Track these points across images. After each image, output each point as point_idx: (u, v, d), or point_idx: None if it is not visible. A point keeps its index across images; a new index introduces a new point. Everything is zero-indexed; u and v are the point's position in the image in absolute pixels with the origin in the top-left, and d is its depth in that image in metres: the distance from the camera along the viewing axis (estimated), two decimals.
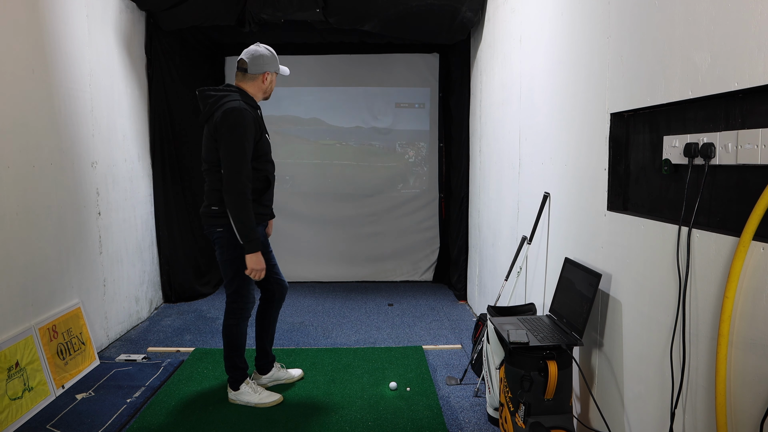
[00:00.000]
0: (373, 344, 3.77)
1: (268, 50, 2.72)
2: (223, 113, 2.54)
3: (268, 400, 2.82)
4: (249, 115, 2.58)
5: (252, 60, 2.68)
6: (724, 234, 1.50)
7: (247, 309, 2.78)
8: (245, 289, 2.74)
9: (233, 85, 2.71)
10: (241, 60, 2.69)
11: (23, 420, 2.61)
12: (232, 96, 2.62)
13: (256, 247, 2.58)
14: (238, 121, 2.54)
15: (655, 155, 1.92)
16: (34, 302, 2.89)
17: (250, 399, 2.81)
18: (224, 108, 2.56)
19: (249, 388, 2.83)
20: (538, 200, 2.87)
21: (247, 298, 2.76)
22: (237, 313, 2.76)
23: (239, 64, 2.71)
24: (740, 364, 1.44)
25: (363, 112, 5.57)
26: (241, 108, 2.55)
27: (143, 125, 4.35)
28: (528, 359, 2.14)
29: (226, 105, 2.57)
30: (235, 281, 2.72)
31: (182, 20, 4.25)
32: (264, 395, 2.84)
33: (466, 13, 4.06)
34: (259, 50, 2.70)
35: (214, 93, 2.65)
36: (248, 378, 2.87)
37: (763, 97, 1.41)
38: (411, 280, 5.69)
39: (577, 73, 2.41)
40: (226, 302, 2.78)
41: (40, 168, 2.96)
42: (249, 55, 2.69)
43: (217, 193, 2.67)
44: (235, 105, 2.56)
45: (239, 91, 2.68)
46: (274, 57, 2.75)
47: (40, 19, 2.98)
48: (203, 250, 5.03)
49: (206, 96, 2.67)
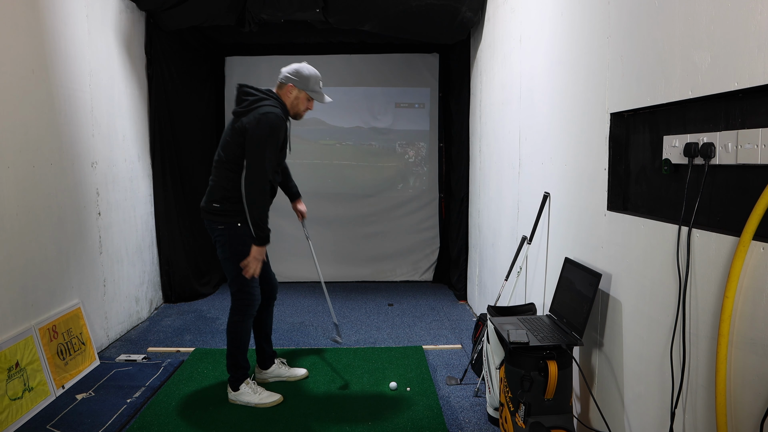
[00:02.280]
0: (373, 344, 3.77)
1: (308, 70, 2.76)
2: (262, 114, 2.58)
3: (268, 401, 2.82)
4: (282, 123, 2.64)
5: (286, 70, 2.75)
6: (724, 234, 1.50)
7: (252, 306, 2.78)
8: (248, 286, 2.75)
9: (273, 91, 2.74)
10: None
11: (23, 420, 2.61)
12: (272, 102, 2.67)
13: (265, 241, 2.67)
14: (274, 123, 2.59)
15: (655, 155, 1.92)
16: (34, 302, 2.89)
17: (250, 399, 2.81)
18: (263, 110, 2.60)
19: (249, 389, 2.83)
20: (538, 200, 2.87)
21: (252, 294, 2.76)
22: (242, 310, 2.77)
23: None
24: (740, 363, 1.44)
25: (363, 112, 5.57)
26: (277, 114, 2.62)
27: (143, 125, 4.35)
28: (528, 359, 2.14)
29: (264, 108, 2.61)
30: (238, 279, 2.73)
31: (182, 20, 4.25)
32: (264, 395, 2.84)
33: (466, 13, 4.06)
34: (299, 66, 2.76)
35: (255, 93, 2.68)
36: (248, 378, 2.87)
37: (763, 97, 1.42)
38: (411, 280, 5.69)
39: (577, 73, 2.41)
40: (232, 300, 2.79)
41: (40, 168, 2.96)
42: (289, 66, 2.76)
43: (221, 191, 2.69)
44: (273, 110, 2.61)
45: (278, 99, 2.72)
46: (310, 79, 2.75)
47: (40, 19, 2.98)
48: (203, 250, 5.03)
49: (246, 92, 2.69)
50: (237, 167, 2.65)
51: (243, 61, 5.54)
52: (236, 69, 5.55)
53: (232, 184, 2.67)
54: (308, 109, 2.83)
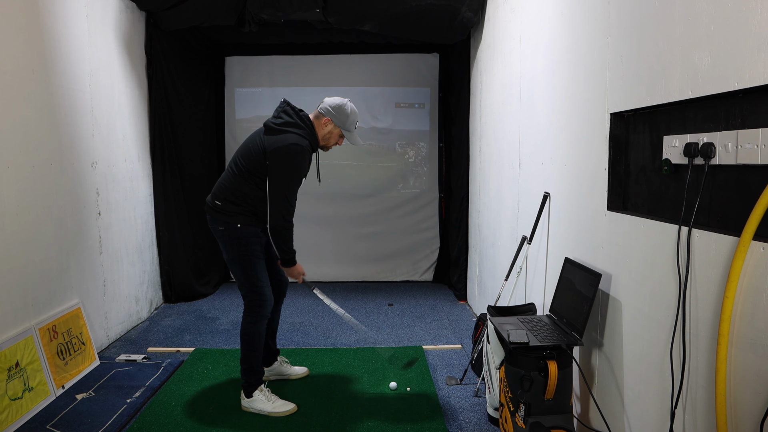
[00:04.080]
0: (373, 344, 3.77)
1: (349, 109, 2.76)
2: (287, 146, 2.59)
3: (281, 410, 2.74)
4: (306, 156, 2.66)
5: (326, 102, 2.76)
6: (724, 234, 1.50)
7: (265, 306, 2.75)
8: (256, 286, 2.73)
9: (310, 119, 2.75)
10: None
11: (23, 420, 2.61)
12: (302, 132, 2.67)
13: (290, 263, 2.77)
14: (298, 156, 2.61)
15: (655, 155, 1.92)
16: (34, 302, 2.89)
17: (263, 407, 2.74)
18: (289, 140, 2.60)
19: (263, 396, 2.77)
20: (538, 200, 2.87)
21: (264, 295, 2.74)
22: (255, 311, 2.74)
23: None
24: (740, 363, 1.44)
25: (363, 112, 5.54)
26: (303, 146, 2.63)
27: (143, 125, 4.35)
28: (528, 359, 2.14)
29: (291, 137, 2.62)
30: (245, 280, 2.73)
31: (182, 20, 4.25)
32: (278, 404, 2.76)
33: (466, 13, 4.06)
34: (342, 102, 2.76)
35: (291, 116, 2.68)
36: (262, 385, 2.82)
37: (763, 97, 1.41)
38: (411, 280, 5.69)
39: (577, 73, 2.41)
40: (244, 302, 2.78)
41: (40, 168, 2.96)
42: (330, 99, 2.77)
43: (225, 192, 2.72)
44: (300, 142, 2.62)
45: (312, 128, 2.73)
46: (348, 119, 2.76)
47: (40, 19, 2.98)
48: (203, 250, 5.03)
49: (285, 111, 2.71)
50: (247, 174, 2.69)
51: (243, 61, 5.53)
52: (236, 69, 5.55)
53: (238, 188, 2.70)
54: (338, 144, 2.85)
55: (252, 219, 2.73)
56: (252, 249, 2.71)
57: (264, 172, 2.65)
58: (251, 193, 2.70)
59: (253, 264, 2.72)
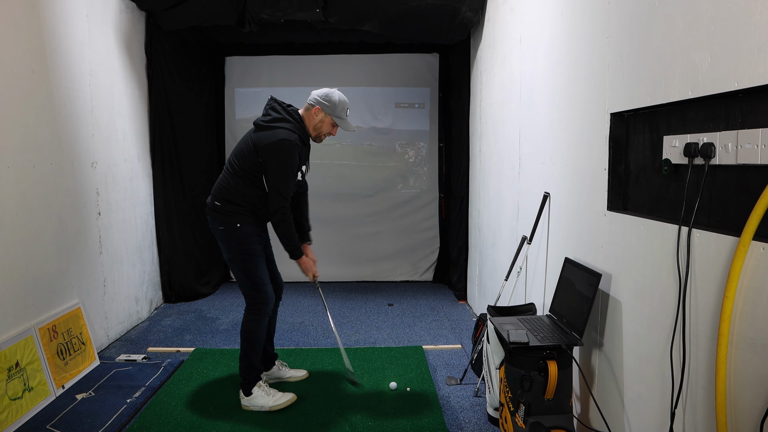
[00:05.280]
0: (373, 344, 3.77)
1: (337, 96, 2.78)
2: (278, 141, 2.61)
3: (282, 401, 2.79)
4: (295, 149, 2.66)
5: (314, 93, 2.78)
6: (724, 234, 1.50)
7: (266, 304, 2.77)
8: (257, 284, 2.75)
9: (299, 113, 2.77)
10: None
11: (23, 420, 2.61)
12: (290, 125, 2.69)
13: (296, 256, 2.77)
14: (289, 151, 2.63)
15: (655, 155, 1.92)
16: (34, 302, 2.89)
17: (264, 403, 2.77)
18: (279, 135, 2.62)
19: (261, 391, 2.79)
20: (538, 200, 2.87)
21: (265, 292, 2.76)
22: (257, 309, 2.76)
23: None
24: (740, 364, 1.44)
25: (363, 112, 5.56)
26: (292, 141, 2.64)
27: (143, 125, 4.35)
28: (528, 359, 2.14)
29: (280, 132, 2.64)
30: (246, 279, 2.74)
31: (182, 20, 4.25)
32: (277, 396, 2.81)
33: (466, 13, 4.06)
34: (329, 90, 2.78)
35: (279, 111, 2.72)
36: (260, 381, 2.83)
37: (763, 97, 1.42)
38: (411, 280, 5.69)
39: (577, 73, 2.41)
40: (246, 300, 2.79)
41: (40, 168, 2.96)
42: (316, 90, 2.79)
43: (224, 192, 2.74)
44: (289, 136, 2.64)
45: (300, 122, 2.75)
46: (338, 105, 2.77)
47: (40, 19, 2.98)
48: (203, 250, 5.03)
49: (273, 107, 2.74)
50: (242, 173, 2.71)
51: (243, 61, 5.53)
52: (236, 69, 5.55)
53: (235, 187, 2.72)
54: (331, 134, 2.86)
55: (251, 218, 2.74)
56: (252, 248, 2.73)
57: (257, 169, 2.68)
58: (249, 192, 2.71)
59: (254, 262, 2.73)
